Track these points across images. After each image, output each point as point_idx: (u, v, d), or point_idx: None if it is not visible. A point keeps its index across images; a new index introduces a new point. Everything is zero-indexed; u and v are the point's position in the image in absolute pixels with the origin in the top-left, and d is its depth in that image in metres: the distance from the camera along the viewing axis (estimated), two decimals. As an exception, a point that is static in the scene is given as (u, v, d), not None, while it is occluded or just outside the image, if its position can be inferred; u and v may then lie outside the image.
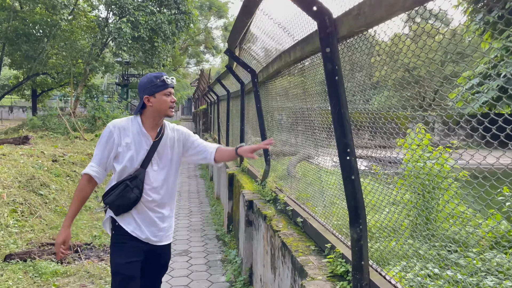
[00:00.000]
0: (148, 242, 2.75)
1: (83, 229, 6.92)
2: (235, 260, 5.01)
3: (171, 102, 2.68)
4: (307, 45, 2.50)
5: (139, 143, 2.68)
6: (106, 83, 36.52)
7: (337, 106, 2.07)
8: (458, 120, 1.82)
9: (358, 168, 3.24)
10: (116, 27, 18.21)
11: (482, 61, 6.80)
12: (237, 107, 8.16)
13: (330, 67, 2.06)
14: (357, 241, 2.14)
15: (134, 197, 2.63)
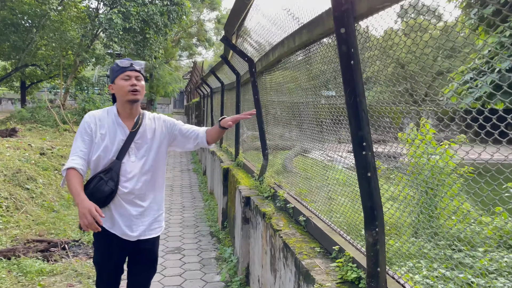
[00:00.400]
0: (127, 239, 2.66)
1: (71, 225, 6.65)
2: (230, 259, 4.79)
3: (130, 86, 2.55)
4: (316, 28, 2.26)
5: (114, 134, 2.60)
6: (96, 75, 35.95)
7: (352, 94, 1.84)
8: (452, 116, 1.86)
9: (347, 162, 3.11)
10: (107, 18, 17.77)
11: (475, 56, 6.72)
12: (231, 99, 7.91)
13: (345, 49, 1.83)
14: (373, 245, 1.92)
15: (108, 190, 2.53)
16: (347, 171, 2.92)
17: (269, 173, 4.35)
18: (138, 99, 2.61)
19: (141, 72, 2.65)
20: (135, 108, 2.67)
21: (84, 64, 21.09)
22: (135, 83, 2.57)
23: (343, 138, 2.72)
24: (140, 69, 2.63)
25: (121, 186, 2.59)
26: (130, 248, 2.72)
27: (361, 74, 1.82)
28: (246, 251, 4.27)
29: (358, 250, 2.33)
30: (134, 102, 2.62)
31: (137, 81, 2.59)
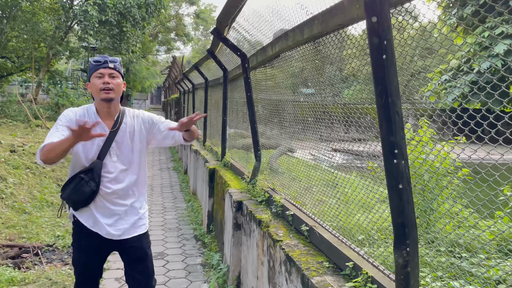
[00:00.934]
0: (111, 238, 2.60)
1: (44, 228, 6.21)
2: (219, 267, 4.50)
3: (102, 84, 2.45)
4: (334, 17, 2.00)
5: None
6: (70, 69, 34.83)
7: (383, 93, 1.59)
8: (431, 114, 1.99)
9: (337, 161, 2.95)
10: (81, 9, 17.10)
11: (456, 56, 6.81)
12: (216, 96, 7.59)
13: (376, 42, 1.57)
14: (403, 267, 1.68)
15: (89, 191, 2.49)
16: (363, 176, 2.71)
17: (263, 175, 4.08)
18: (111, 98, 2.50)
19: (117, 69, 2.53)
20: (114, 107, 2.58)
21: (58, 57, 20.29)
22: (107, 81, 2.47)
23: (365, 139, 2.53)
24: (114, 66, 2.51)
25: (103, 186, 2.54)
26: (115, 247, 2.68)
27: (396, 71, 1.57)
28: (238, 259, 3.99)
29: (376, 267, 2.09)
30: (108, 101, 2.51)
31: (111, 78, 2.49)
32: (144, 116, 2.73)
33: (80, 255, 2.64)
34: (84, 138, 2.16)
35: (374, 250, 2.47)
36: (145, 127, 2.69)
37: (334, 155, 3.04)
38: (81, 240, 2.62)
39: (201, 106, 9.61)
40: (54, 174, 8.80)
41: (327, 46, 2.39)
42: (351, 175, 3.01)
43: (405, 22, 1.73)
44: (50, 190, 7.97)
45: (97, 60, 2.48)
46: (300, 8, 2.41)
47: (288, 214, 3.15)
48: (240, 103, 5.69)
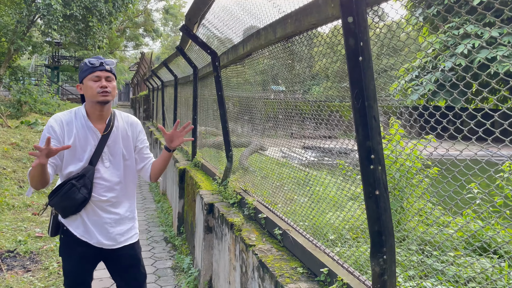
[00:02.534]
0: (102, 247, 2.51)
1: (4, 233, 5.90)
2: (190, 271, 4.38)
3: (99, 88, 2.36)
4: (308, 16, 1.92)
5: (84, 139, 2.43)
6: (33, 65, 33.62)
7: (360, 97, 1.53)
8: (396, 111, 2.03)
9: (307, 157, 2.92)
10: (45, 3, 16.44)
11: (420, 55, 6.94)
12: (186, 94, 7.43)
13: (352, 43, 1.51)
14: (380, 275, 1.63)
15: (81, 198, 2.38)
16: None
17: (235, 177, 3.99)
18: (108, 101, 2.42)
19: (113, 72, 2.46)
20: (106, 110, 2.48)
21: (20, 53, 19.45)
22: (105, 84, 2.38)
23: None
24: (110, 68, 2.43)
25: (95, 193, 2.45)
26: (106, 256, 2.58)
27: (373, 73, 1.51)
28: (209, 263, 3.89)
29: (352, 273, 2.04)
30: (105, 104, 2.42)
31: (108, 82, 2.40)
32: (137, 126, 2.66)
33: (71, 265, 2.53)
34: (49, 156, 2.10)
35: (346, 250, 2.43)
36: (133, 138, 2.62)
37: (305, 152, 3.00)
38: (71, 249, 2.50)
39: (170, 103, 9.41)
40: (16, 175, 8.42)
41: (299, 45, 2.33)
42: (321, 172, 2.98)
43: (370, 20, 1.68)
44: (11, 192, 7.61)
45: (93, 62, 2.38)
46: (272, 6, 2.33)
47: (261, 217, 3.08)
48: (210, 101, 5.57)
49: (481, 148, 1.53)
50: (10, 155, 9.15)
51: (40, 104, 16.42)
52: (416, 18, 2.00)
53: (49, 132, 2.36)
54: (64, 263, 2.56)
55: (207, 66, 5.06)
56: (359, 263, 2.25)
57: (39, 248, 5.33)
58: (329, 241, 2.53)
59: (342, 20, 1.51)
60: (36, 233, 5.90)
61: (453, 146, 1.59)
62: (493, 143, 1.46)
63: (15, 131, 11.32)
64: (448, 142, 1.63)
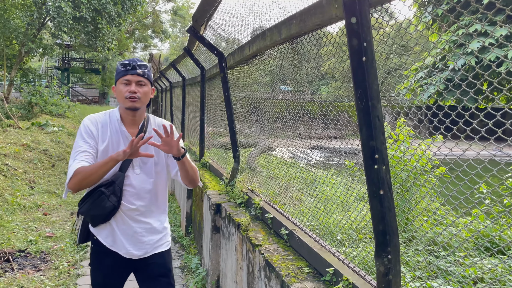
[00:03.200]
0: (131, 257, 2.38)
1: (16, 233, 5.98)
2: (198, 271, 4.40)
3: (128, 92, 2.22)
4: (312, 17, 1.93)
5: (117, 143, 2.29)
6: (44, 67, 34.03)
7: (363, 97, 1.53)
8: (408, 112, 1.94)
9: (316, 159, 2.93)
10: (55, 5, 16.62)
11: (431, 53, 6.90)
12: (194, 95, 7.47)
13: (355, 43, 1.51)
14: (385, 275, 1.63)
15: (110, 206, 2.25)
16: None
17: (242, 177, 4.01)
18: (136, 108, 2.28)
19: (146, 76, 2.29)
20: (139, 115, 2.35)
21: (30, 55, 19.72)
22: (134, 89, 2.22)
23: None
24: (143, 72, 2.27)
25: (125, 201, 2.31)
26: (136, 266, 2.44)
27: (376, 73, 1.52)
28: (216, 263, 3.91)
29: (357, 273, 2.04)
30: (133, 110, 2.29)
31: (138, 86, 2.25)
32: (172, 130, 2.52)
33: (100, 276, 2.42)
34: (132, 156, 2.09)
35: (353, 250, 2.44)
36: None
37: (312, 152, 3.01)
38: (100, 260, 2.39)
39: (178, 104, 9.47)
40: (27, 176, 8.53)
41: (305, 45, 2.34)
42: (329, 172, 2.98)
43: (380, 19, 1.69)
44: (22, 192, 7.72)
45: (125, 64, 2.25)
46: (278, 7, 2.34)
47: (268, 217, 3.09)
48: (218, 101, 5.60)
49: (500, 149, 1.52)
50: (21, 156, 9.27)
51: (51, 105, 16.60)
52: (425, 17, 2.01)
53: (87, 132, 2.25)
54: (92, 275, 2.44)
55: (214, 67, 5.09)
56: (366, 262, 2.25)
57: (50, 248, 5.40)
58: (336, 241, 2.54)
59: (346, 21, 1.52)
60: (47, 233, 5.98)
61: (470, 147, 1.57)
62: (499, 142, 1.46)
63: (26, 132, 11.47)
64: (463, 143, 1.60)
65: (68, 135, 12.73)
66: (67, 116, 16.62)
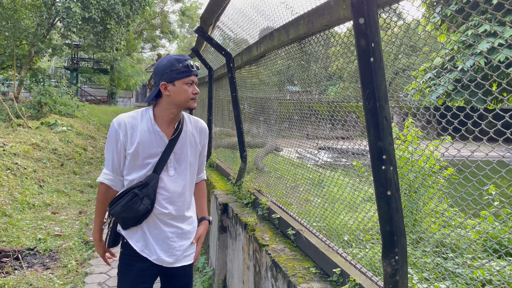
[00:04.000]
0: (161, 264, 2.28)
1: (25, 231, 6.04)
2: (205, 270, 4.42)
3: (193, 94, 2.17)
4: (320, 18, 1.94)
5: (149, 144, 2.18)
6: (53, 67, 34.30)
7: (371, 97, 1.53)
8: (415, 113, 1.98)
9: (323, 159, 2.92)
10: (64, 6, 16.76)
11: (440, 53, 6.85)
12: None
13: (363, 43, 1.51)
14: (392, 276, 1.63)
15: (143, 209, 2.16)
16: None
17: (249, 177, 4.02)
18: (195, 107, 2.27)
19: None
20: (181, 113, 2.28)
21: (40, 55, 19.88)
22: (197, 91, 2.21)
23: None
24: (197, 73, 2.27)
25: (158, 205, 2.22)
26: (163, 273, 2.37)
27: (384, 74, 1.52)
28: (223, 263, 3.93)
29: (364, 274, 2.04)
30: (191, 110, 2.29)
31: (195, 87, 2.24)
32: (206, 132, 2.43)
33: (128, 282, 2.31)
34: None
35: (360, 251, 2.43)
36: (201, 144, 2.40)
37: (320, 153, 3.00)
38: (129, 265, 2.29)
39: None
40: (36, 175, 8.61)
41: (313, 46, 2.34)
42: (336, 173, 2.98)
43: (388, 20, 1.68)
44: (31, 191, 7.79)
45: (187, 65, 2.15)
46: (285, 8, 2.34)
47: (274, 217, 3.10)
48: (225, 101, 5.61)
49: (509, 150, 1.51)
50: (30, 155, 9.36)
51: (60, 105, 16.72)
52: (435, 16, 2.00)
53: (114, 137, 2.19)
54: (120, 280, 2.34)
55: (222, 67, 5.11)
56: (373, 263, 2.25)
57: (58, 246, 5.45)
58: (343, 242, 2.53)
59: (353, 21, 1.52)
60: (55, 231, 6.03)
61: (478, 148, 1.56)
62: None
63: (36, 131, 11.57)
64: (471, 144, 1.60)
65: (76, 134, 12.82)
66: (75, 116, 16.73)
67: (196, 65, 2.20)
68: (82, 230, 6.10)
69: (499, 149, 1.50)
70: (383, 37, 1.59)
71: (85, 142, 12.62)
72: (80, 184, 9.12)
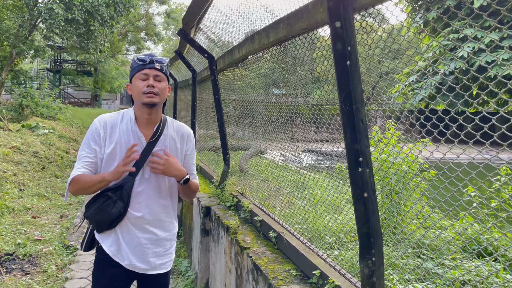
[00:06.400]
0: (133, 270, 2.21)
1: (4, 236, 5.92)
2: (187, 274, 4.39)
3: (146, 87, 2.08)
4: (299, 21, 1.95)
5: (126, 144, 2.13)
6: (35, 69, 33.75)
7: (347, 100, 1.55)
8: (399, 116, 2.00)
9: (308, 162, 2.94)
10: (47, 7, 16.54)
11: (420, 59, 6.95)
12: (185, 97, 7.47)
13: (340, 47, 1.53)
14: (369, 277, 1.64)
15: (116, 213, 2.10)
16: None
17: (232, 180, 4.01)
18: (155, 103, 2.12)
19: (164, 71, 2.17)
20: (155, 114, 2.18)
21: (22, 56, 19.57)
22: (152, 83, 2.09)
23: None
24: (161, 67, 2.15)
25: (132, 209, 2.15)
26: (137, 278, 2.30)
27: (360, 77, 1.53)
28: (206, 266, 3.91)
29: (343, 276, 2.05)
30: (151, 106, 2.13)
31: (156, 81, 2.12)
32: (191, 139, 2.34)
33: (101, 286, 2.27)
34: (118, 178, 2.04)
35: (344, 254, 2.45)
36: (183, 150, 2.31)
37: (305, 155, 3.02)
38: (103, 271, 2.24)
39: (170, 107, 9.45)
40: (16, 178, 8.45)
41: (292, 49, 2.36)
42: (320, 175, 3.00)
43: (365, 23, 1.70)
44: (11, 195, 7.64)
45: (142, 59, 2.12)
46: (266, 11, 2.35)
47: (257, 220, 3.10)
48: (209, 104, 5.60)
49: (478, 152, 1.54)
50: (10, 159, 9.19)
51: (42, 107, 16.47)
52: (416, 22, 2.03)
53: (93, 135, 2.14)
54: (93, 285, 2.29)
55: (205, 69, 5.10)
56: (353, 264, 2.26)
57: (38, 251, 5.35)
58: (326, 244, 2.55)
59: (330, 25, 1.53)
60: (35, 236, 5.92)
61: (450, 150, 1.59)
62: (492, 146, 1.47)
63: (16, 134, 11.37)
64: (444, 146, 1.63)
65: (59, 137, 12.64)
66: (58, 119, 16.50)
67: (155, 59, 2.13)
68: (63, 235, 6.00)
69: (469, 152, 1.53)
70: (359, 40, 1.61)
71: (68, 145, 12.44)
72: (62, 187, 8.99)
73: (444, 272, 2.57)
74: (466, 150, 1.53)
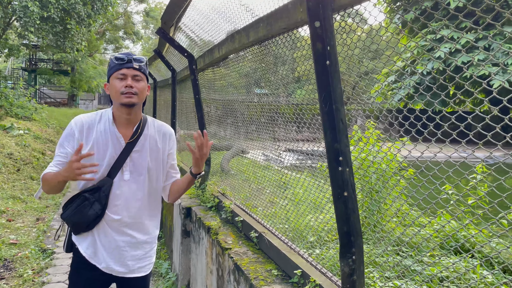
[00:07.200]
0: (111, 273, 2.16)
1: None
2: (168, 276, 4.35)
3: (124, 87, 2.01)
4: (278, 21, 1.94)
5: (104, 145, 2.07)
6: (10, 68, 32.90)
7: (327, 100, 1.55)
8: (378, 115, 2.01)
9: (290, 162, 2.94)
10: (21, 5, 16.12)
11: (399, 59, 7.10)
12: (165, 97, 7.39)
13: (320, 47, 1.53)
14: (349, 276, 1.65)
15: (93, 214, 2.05)
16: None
17: (213, 180, 3.99)
18: (133, 103, 2.05)
19: (142, 70, 2.10)
20: (134, 114, 2.12)
21: (-5, 55, 19.07)
22: (130, 84, 2.02)
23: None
24: (139, 66, 2.08)
25: (110, 211, 2.09)
26: (115, 281, 2.24)
27: (339, 77, 1.54)
28: (187, 268, 3.87)
29: (324, 274, 2.06)
30: (129, 107, 2.06)
31: (135, 81, 2.05)
32: (172, 138, 2.28)
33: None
34: (71, 177, 1.85)
35: (325, 253, 2.46)
36: (164, 150, 2.23)
37: (286, 155, 3.02)
38: (79, 273, 2.19)
39: (150, 106, 9.35)
40: (-10, 181, 8.22)
41: (273, 48, 2.35)
42: (301, 174, 3.00)
43: (348, 24, 1.71)
44: (-15, 198, 7.43)
45: (120, 58, 2.04)
46: (246, 10, 2.34)
47: (238, 220, 3.08)
48: (190, 104, 5.55)
49: (455, 151, 1.57)
50: (-16, 161, 8.94)
51: (16, 108, 16.06)
52: (394, 22, 2.05)
53: (68, 135, 2.08)
54: (70, 286, 2.24)
55: (185, 69, 5.05)
56: (334, 262, 2.27)
57: (13, 255, 5.21)
58: (307, 243, 2.55)
59: (309, 25, 1.53)
60: (11, 239, 5.77)
61: (428, 148, 1.62)
62: (468, 145, 1.50)
63: (-10, 135, 11.05)
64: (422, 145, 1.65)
65: (34, 138, 12.33)
66: (33, 119, 16.11)
67: (134, 58, 2.07)
68: (40, 238, 5.86)
69: (446, 150, 1.55)
70: (339, 40, 1.62)
71: (44, 146, 12.16)
72: (38, 190, 8.78)
73: (423, 269, 2.61)
74: (443, 148, 1.55)
